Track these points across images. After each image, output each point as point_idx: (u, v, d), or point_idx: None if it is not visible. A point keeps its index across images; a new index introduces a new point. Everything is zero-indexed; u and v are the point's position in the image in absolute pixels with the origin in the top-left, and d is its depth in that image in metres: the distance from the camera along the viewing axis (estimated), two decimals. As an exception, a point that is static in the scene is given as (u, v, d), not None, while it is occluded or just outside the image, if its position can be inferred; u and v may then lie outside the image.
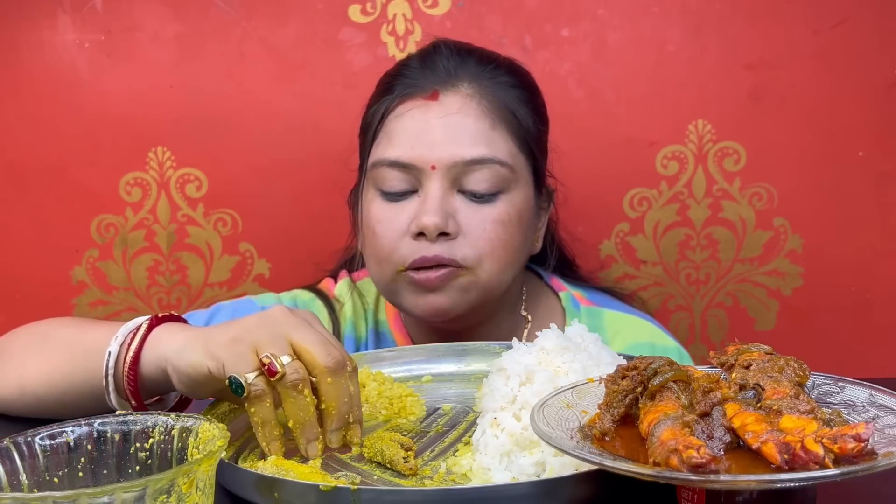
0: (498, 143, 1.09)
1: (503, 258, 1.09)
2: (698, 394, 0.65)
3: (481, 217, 1.08)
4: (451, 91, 1.09)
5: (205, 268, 1.51)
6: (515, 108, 1.12)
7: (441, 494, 0.68)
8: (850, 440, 0.56)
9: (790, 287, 1.50)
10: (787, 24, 1.43)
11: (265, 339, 0.79)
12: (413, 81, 1.12)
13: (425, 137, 1.07)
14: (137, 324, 0.88)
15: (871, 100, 1.44)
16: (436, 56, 1.14)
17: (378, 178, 1.10)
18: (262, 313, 0.83)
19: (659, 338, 1.21)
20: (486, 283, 1.09)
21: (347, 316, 1.24)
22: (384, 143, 1.11)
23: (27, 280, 1.51)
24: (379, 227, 1.09)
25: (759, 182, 1.47)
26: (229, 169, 1.49)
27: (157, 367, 0.85)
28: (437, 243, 1.06)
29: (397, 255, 1.08)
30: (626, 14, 1.45)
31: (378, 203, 1.10)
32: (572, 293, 1.24)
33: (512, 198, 1.10)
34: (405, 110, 1.10)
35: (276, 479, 0.70)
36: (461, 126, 1.08)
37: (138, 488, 0.52)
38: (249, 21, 1.46)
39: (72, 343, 0.94)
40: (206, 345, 0.80)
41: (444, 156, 1.06)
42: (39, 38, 1.46)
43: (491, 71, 1.13)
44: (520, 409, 0.77)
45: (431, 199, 1.06)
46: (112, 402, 0.88)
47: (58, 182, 1.49)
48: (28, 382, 0.95)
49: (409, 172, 1.08)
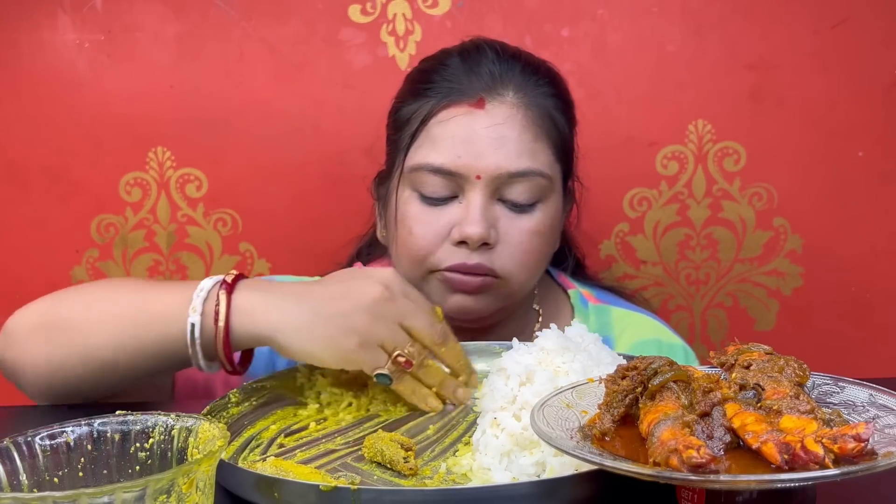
0: (540, 154, 1.09)
1: (534, 268, 1.12)
2: (698, 394, 0.65)
3: (519, 228, 1.09)
4: (498, 100, 1.09)
5: (205, 268, 1.51)
6: (555, 117, 1.12)
7: (441, 494, 0.68)
8: (850, 440, 0.56)
9: (790, 287, 1.50)
10: (787, 24, 1.43)
11: (387, 334, 0.90)
12: (457, 86, 1.10)
13: (471, 147, 1.07)
14: (211, 286, 0.92)
15: (871, 100, 1.44)
16: (481, 59, 1.12)
17: (418, 181, 1.09)
18: (366, 300, 0.91)
19: (665, 335, 1.22)
20: (516, 290, 1.12)
21: None
22: (427, 146, 1.09)
23: (27, 280, 1.51)
24: (417, 227, 1.09)
25: (759, 182, 1.47)
26: (229, 169, 1.49)
27: (254, 341, 0.92)
28: (476, 252, 1.07)
29: (434, 259, 1.08)
30: (626, 14, 1.45)
31: (416, 204, 1.10)
32: (581, 291, 1.25)
33: (547, 207, 1.11)
34: (450, 116, 1.09)
35: (276, 479, 0.70)
36: (507, 137, 1.07)
37: (138, 488, 0.52)
38: (249, 21, 1.46)
39: (136, 306, 0.95)
40: (331, 343, 0.89)
41: (489, 166, 1.06)
42: (39, 38, 1.46)
43: (535, 80, 1.12)
44: (520, 409, 0.77)
45: (475, 209, 1.06)
46: (203, 367, 0.93)
47: (58, 182, 1.49)
48: (93, 350, 0.94)
49: (452, 179, 1.08)
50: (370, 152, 1.23)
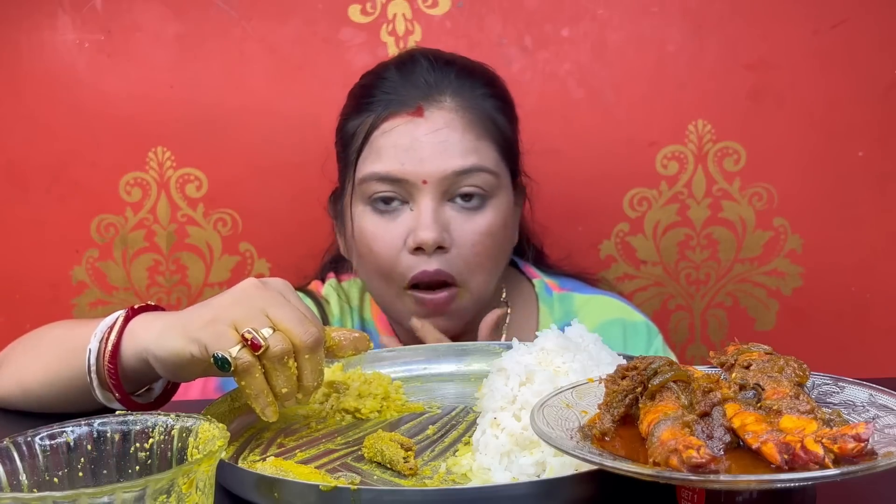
0: (484, 151, 1.13)
1: (491, 269, 1.16)
2: (698, 394, 0.65)
3: (472, 229, 1.12)
4: (436, 106, 1.12)
5: (205, 268, 1.51)
6: (496, 117, 1.16)
7: (441, 494, 0.68)
8: (850, 440, 0.56)
9: (790, 287, 1.50)
10: (787, 24, 1.43)
11: (243, 315, 0.79)
12: (396, 97, 1.14)
13: (414, 154, 1.10)
14: (115, 318, 0.88)
15: (871, 100, 1.44)
16: (415, 68, 1.16)
17: (368, 192, 1.13)
18: (235, 290, 0.83)
19: (628, 314, 1.26)
20: (478, 295, 1.16)
21: (335, 314, 1.26)
22: (372, 158, 1.13)
23: (27, 280, 1.51)
24: (375, 243, 1.13)
25: (759, 182, 1.47)
26: (229, 169, 1.49)
27: (137, 359, 0.85)
28: (434, 257, 1.10)
29: (397, 271, 1.12)
30: (626, 14, 1.45)
31: (370, 217, 1.13)
32: (545, 280, 1.29)
33: (498, 204, 1.14)
34: (392, 126, 1.12)
35: (276, 479, 0.70)
36: (449, 140, 1.11)
37: (138, 488, 0.52)
38: (249, 21, 1.46)
39: (62, 343, 0.95)
40: (184, 329, 0.81)
41: (434, 170, 1.10)
42: (39, 38, 1.46)
43: (470, 83, 1.16)
44: (520, 409, 0.77)
45: (426, 214, 1.10)
46: (98, 397, 0.89)
47: (58, 182, 1.49)
48: (27, 385, 0.97)
49: (401, 186, 1.11)
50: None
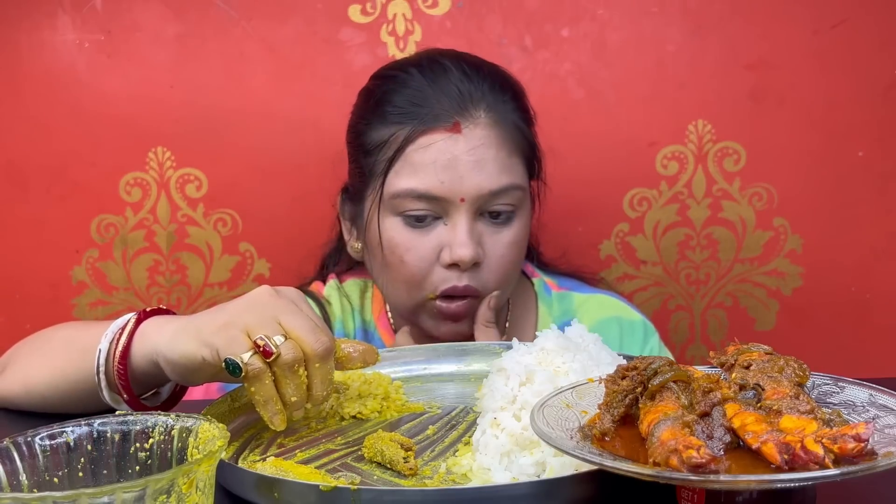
0: (515, 168, 1.14)
1: (513, 279, 1.18)
2: (698, 394, 0.65)
3: (501, 242, 1.13)
4: (471, 121, 1.12)
5: (205, 268, 1.51)
6: (523, 129, 1.17)
7: (441, 494, 0.68)
8: (850, 440, 0.56)
9: (790, 287, 1.50)
10: (787, 24, 1.43)
11: (256, 321, 0.80)
12: (429, 110, 1.11)
13: (453, 172, 1.10)
14: (126, 320, 0.89)
15: (871, 100, 1.44)
16: (447, 76, 1.14)
17: (401, 207, 1.12)
18: (249, 296, 0.84)
19: (625, 312, 1.26)
20: (496, 305, 1.14)
21: (336, 315, 1.26)
22: (408, 173, 1.11)
23: (27, 280, 1.51)
24: (407, 255, 1.12)
25: (759, 182, 1.47)
26: (229, 169, 1.49)
27: (148, 361, 0.86)
28: (466, 273, 1.11)
29: (428, 283, 1.13)
30: (626, 14, 1.44)
31: (402, 230, 1.12)
32: (544, 279, 1.30)
33: (523, 215, 1.16)
34: (429, 142, 1.11)
35: (276, 479, 0.70)
36: (485, 158, 1.11)
37: (138, 488, 0.52)
38: (249, 21, 1.46)
39: (70, 343, 0.95)
40: (197, 333, 0.81)
41: (472, 189, 1.10)
42: (39, 38, 1.45)
43: (502, 96, 1.15)
44: (520, 409, 0.77)
45: (462, 232, 1.10)
46: (105, 398, 0.89)
47: (58, 182, 1.49)
48: (32, 384, 0.97)
49: (437, 203, 1.11)
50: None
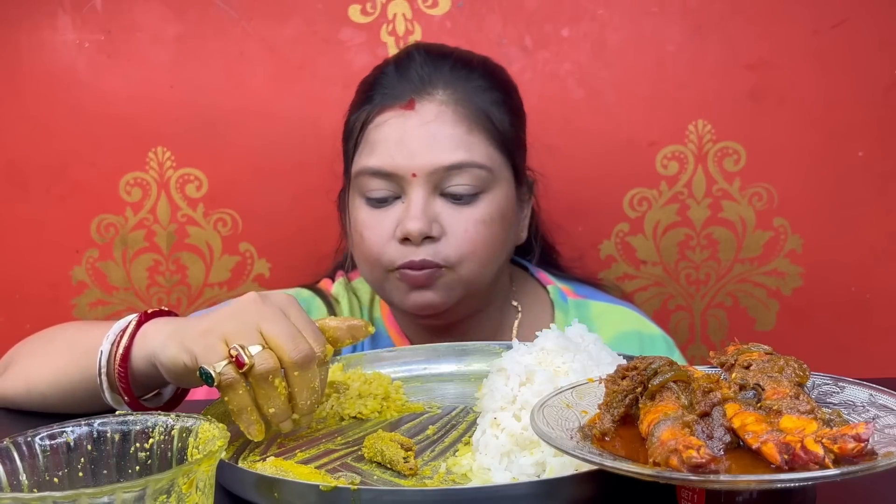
0: (475, 146, 1.12)
1: (484, 256, 1.13)
2: (698, 394, 0.65)
3: (464, 218, 1.11)
4: (427, 99, 1.12)
5: (205, 268, 1.51)
6: (490, 111, 1.14)
7: (441, 494, 0.68)
8: (850, 440, 0.56)
9: (790, 287, 1.50)
10: (787, 24, 1.43)
11: (235, 329, 0.79)
12: (390, 91, 1.14)
13: (404, 147, 1.11)
14: (127, 321, 0.89)
15: (871, 100, 1.44)
16: (410, 63, 1.16)
17: (362, 186, 1.14)
18: (236, 302, 0.83)
19: (645, 326, 1.25)
20: (468, 279, 1.12)
21: (345, 314, 1.26)
22: (366, 152, 1.14)
23: (27, 280, 1.51)
24: (366, 232, 1.13)
25: (759, 182, 1.47)
26: (229, 169, 1.49)
27: (147, 363, 0.86)
28: (422, 246, 1.10)
29: (386, 258, 1.12)
30: (626, 14, 1.45)
31: (364, 209, 1.14)
32: (559, 286, 1.28)
33: (493, 197, 1.13)
34: (384, 120, 1.13)
35: (276, 479, 0.70)
36: (439, 133, 1.11)
37: (138, 488, 0.52)
38: (249, 21, 1.46)
39: (72, 344, 0.96)
40: (181, 338, 0.81)
41: (423, 163, 1.10)
42: (39, 38, 1.46)
43: (465, 76, 1.15)
44: (520, 409, 0.77)
45: (414, 206, 1.10)
46: (107, 399, 0.89)
47: (58, 182, 1.49)
48: (33, 383, 0.97)
49: (392, 180, 1.12)
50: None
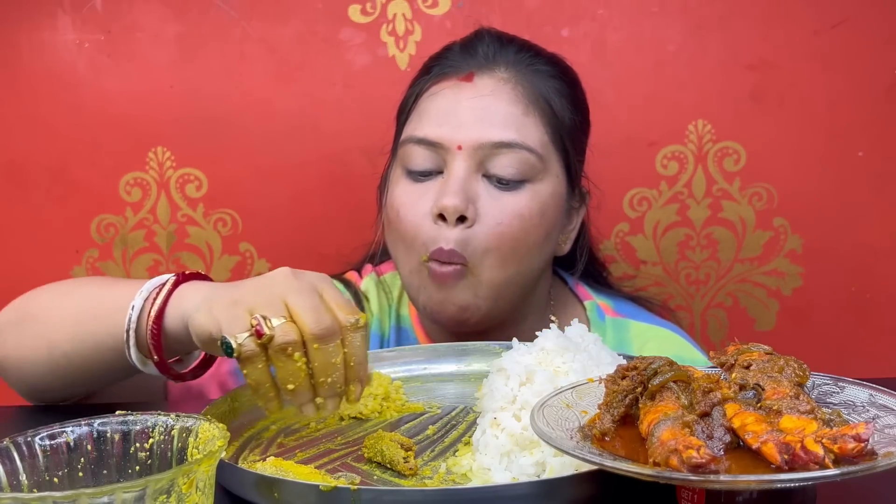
0: (529, 129, 1.06)
1: (508, 254, 1.05)
2: (698, 394, 0.65)
3: (500, 207, 1.04)
4: (487, 74, 1.08)
5: (205, 268, 1.51)
6: (551, 97, 1.09)
7: (441, 494, 0.68)
8: (850, 440, 0.56)
9: (790, 287, 1.50)
10: (787, 24, 1.43)
11: (261, 300, 0.77)
12: (451, 63, 1.11)
13: (454, 117, 1.06)
14: (163, 280, 0.87)
15: (871, 100, 1.44)
16: (476, 41, 1.13)
17: (405, 156, 1.09)
18: (264, 275, 0.82)
19: (687, 350, 1.15)
20: (488, 282, 1.05)
21: (374, 312, 1.21)
22: (415, 121, 1.10)
23: (27, 280, 1.50)
24: (402, 208, 1.07)
25: (759, 182, 1.47)
26: (229, 169, 1.49)
27: (180, 323, 0.84)
28: (454, 229, 1.03)
29: (419, 241, 1.05)
30: (626, 14, 1.45)
31: (403, 183, 1.08)
32: (598, 303, 1.19)
33: (538, 189, 1.06)
34: (439, 90, 1.09)
35: (276, 479, 0.70)
36: (492, 108, 1.06)
37: (138, 488, 0.52)
38: (249, 21, 1.46)
39: (97, 299, 0.92)
40: (211, 305, 0.80)
41: (471, 136, 1.04)
42: (39, 38, 1.46)
43: (530, 58, 1.11)
44: (520, 409, 0.77)
45: (454, 181, 1.04)
46: (132, 357, 0.87)
47: (58, 182, 1.49)
48: (56, 341, 0.93)
49: (435, 151, 1.06)
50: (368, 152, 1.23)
